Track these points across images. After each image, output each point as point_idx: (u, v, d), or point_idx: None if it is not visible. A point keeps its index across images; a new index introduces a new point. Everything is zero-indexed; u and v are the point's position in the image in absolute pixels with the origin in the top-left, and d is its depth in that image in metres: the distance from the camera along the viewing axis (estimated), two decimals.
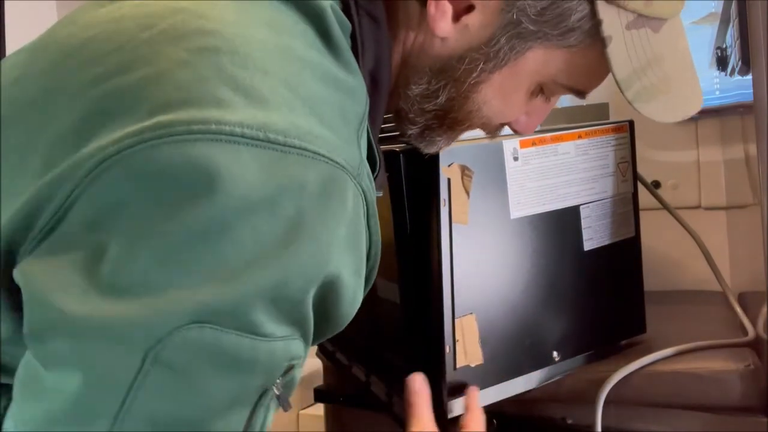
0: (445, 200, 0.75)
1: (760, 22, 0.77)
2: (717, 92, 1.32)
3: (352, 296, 0.49)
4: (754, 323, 0.95)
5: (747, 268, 1.20)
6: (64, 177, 0.42)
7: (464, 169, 0.76)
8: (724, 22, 1.08)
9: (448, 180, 0.75)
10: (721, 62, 1.14)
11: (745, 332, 0.94)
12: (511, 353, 0.82)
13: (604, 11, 0.53)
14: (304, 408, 1.70)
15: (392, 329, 0.79)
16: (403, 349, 0.78)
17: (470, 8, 0.54)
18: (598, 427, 0.81)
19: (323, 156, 0.44)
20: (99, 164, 0.41)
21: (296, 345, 0.46)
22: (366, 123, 0.51)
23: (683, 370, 0.85)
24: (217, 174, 0.40)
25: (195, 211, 0.40)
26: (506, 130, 0.82)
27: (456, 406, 0.78)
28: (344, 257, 0.46)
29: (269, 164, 0.42)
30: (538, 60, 0.56)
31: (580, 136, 0.86)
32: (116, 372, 0.40)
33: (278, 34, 0.48)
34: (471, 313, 0.77)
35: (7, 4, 1.40)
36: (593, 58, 0.55)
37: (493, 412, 0.85)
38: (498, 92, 0.58)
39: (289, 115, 0.44)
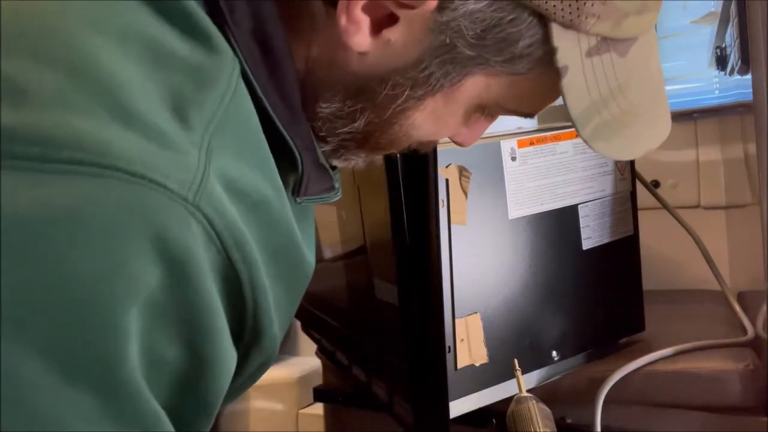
0: (443, 201, 0.75)
1: (759, 22, 0.77)
2: (716, 92, 1.32)
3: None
4: (753, 323, 0.94)
5: (746, 268, 1.20)
6: None
7: (462, 170, 0.76)
8: (724, 21, 1.08)
9: (446, 181, 0.75)
10: (721, 61, 1.14)
11: (745, 332, 0.94)
12: (510, 353, 0.82)
13: (560, 38, 0.43)
14: (304, 407, 1.70)
15: (392, 331, 0.79)
16: (404, 350, 0.78)
17: (393, 20, 0.43)
18: (598, 427, 0.81)
19: (117, 170, 0.32)
20: None
21: None
22: (230, 118, 0.39)
23: (682, 369, 0.85)
24: None
25: None
26: (504, 127, 0.82)
27: (457, 408, 0.78)
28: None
29: (14, 191, 0.30)
30: (479, 86, 0.46)
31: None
32: None
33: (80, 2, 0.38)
34: (476, 313, 0.77)
35: None
36: (545, 84, 0.46)
37: (492, 411, 0.85)
38: (430, 117, 0.48)
39: (59, 114, 0.32)
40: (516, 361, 0.67)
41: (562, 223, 0.85)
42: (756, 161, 0.82)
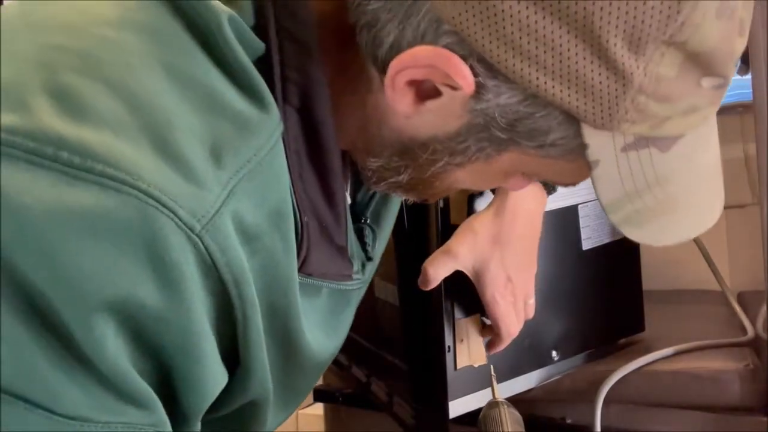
0: (442, 201, 0.75)
1: (759, 22, 0.77)
2: None
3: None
4: (753, 323, 0.95)
5: (746, 268, 1.20)
6: None
7: None
8: None
9: None
10: None
11: (745, 332, 0.94)
12: (510, 353, 0.82)
13: (592, 136, 0.43)
14: (303, 407, 1.70)
15: (392, 331, 0.79)
16: (404, 350, 0.78)
17: (438, 92, 0.44)
18: (597, 427, 0.82)
19: (133, 188, 0.36)
20: None
21: None
22: (263, 170, 0.42)
23: (682, 369, 0.86)
24: None
25: None
26: None
27: (456, 408, 0.78)
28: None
29: (49, 187, 0.35)
30: (516, 161, 0.47)
31: None
32: None
33: (157, 42, 0.42)
34: (476, 314, 0.77)
35: None
36: (582, 167, 0.45)
37: None
38: (470, 176, 0.50)
39: (108, 136, 0.37)
40: (492, 367, 0.71)
41: (562, 223, 0.85)
42: (756, 161, 0.82)
